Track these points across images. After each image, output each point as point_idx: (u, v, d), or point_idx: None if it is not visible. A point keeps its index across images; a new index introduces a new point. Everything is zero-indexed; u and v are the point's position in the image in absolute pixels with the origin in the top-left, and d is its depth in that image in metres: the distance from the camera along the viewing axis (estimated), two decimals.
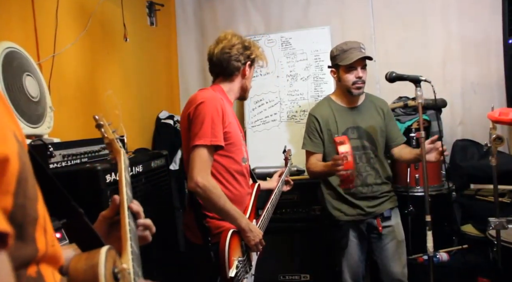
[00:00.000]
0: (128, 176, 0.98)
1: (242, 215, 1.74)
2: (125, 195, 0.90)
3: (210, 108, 1.68)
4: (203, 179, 1.63)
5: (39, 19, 2.00)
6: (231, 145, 1.77)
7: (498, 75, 3.00)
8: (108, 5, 2.66)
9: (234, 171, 1.80)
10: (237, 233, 1.73)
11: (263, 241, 1.82)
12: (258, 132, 3.35)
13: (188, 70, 3.79)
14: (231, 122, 1.78)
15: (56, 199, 0.67)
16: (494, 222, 1.79)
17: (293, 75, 3.34)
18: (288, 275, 2.86)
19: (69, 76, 2.25)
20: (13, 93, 1.49)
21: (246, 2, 3.63)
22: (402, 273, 2.25)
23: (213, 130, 1.66)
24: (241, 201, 1.84)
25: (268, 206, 2.01)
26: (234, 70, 1.88)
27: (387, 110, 2.35)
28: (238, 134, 1.85)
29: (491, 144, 1.79)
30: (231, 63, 1.87)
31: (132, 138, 2.45)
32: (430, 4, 3.26)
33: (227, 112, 1.77)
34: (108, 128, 1.08)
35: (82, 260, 0.65)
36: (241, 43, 1.88)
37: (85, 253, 0.67)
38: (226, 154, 1.76)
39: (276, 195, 2.11)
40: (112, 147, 1.08)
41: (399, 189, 2.66)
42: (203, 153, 1.65)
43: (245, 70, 1.89)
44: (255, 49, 1.91)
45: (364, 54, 2.16)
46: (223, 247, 1.62)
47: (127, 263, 0.75)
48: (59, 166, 1.55)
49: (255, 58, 1.92)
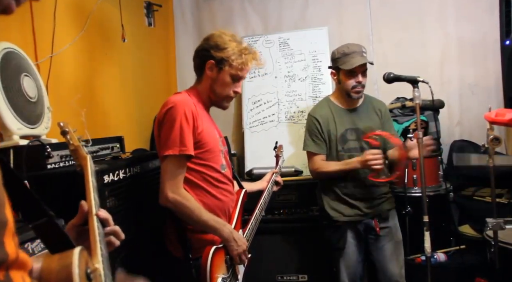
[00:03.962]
0: (95, 181, 0.99)
1: (223, 224, 1.65)
2: (93, 200, 0.91)
3: (179, 114, 1.57)
4: (174, 192, 1.56)
5: (37, 20, 1.99)
6: (207, 152, 1.67)
7: (495, 76, 3.01)
8: (106, 6, 2.66)
9: (212, 179, 1.69)
10: (222, 248, 1.65)
11: (247, 253, 1.72)
12: (256, 133, 3.35)
13: (186, 70, 3.78)
14: (205, 128, 1.67)
15: (26, 202, 0.67)
16: (491, 222, 1.80)
17: (291, 76, 3.34)
18: (286, 276, 2.86)
19: (67, 77, 2.25)
20: (11, 94, 1.49)
21: (244, 3, 3.63)
22: (399, 274, 2.25)
23: (182, 138, 1.56)
24: (224, 210, 1.74)
25: (256, 212, 1.91)
26: (196, 68, 1.77)
27: (384, 112, 2.36)
28: (215, 141, 1.73)
29: (489, 145, 1.79)
30: (195, 59, 1.77)
31: (130, 138, 2.44)
32: (428, 5, 3.27)
33: (200, 117, 1.65)
34: (73, 135, 1.09)
35: (54, 261, 0.65)
36: (215, 38, 1.71)
37: (56, 255, 0.66)
38: (202, 162, 1.66)
39: (265, 197, 2.02)
40: (77, 153, 1.09)
41: (396, 190, 2.67)
42: (172, 164, 1.57)
43: (206, 70, 1.72)
44: (228, 50, 1.68)
45: (365, 60, 2.16)
46: (204, 264, 1.54)
47: (98, 264, 0.76)
48: (57, 166, 1.54)
49: (223, 60, 1.68)
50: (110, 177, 1.59)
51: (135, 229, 1.71)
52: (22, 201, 0.62)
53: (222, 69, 1.70)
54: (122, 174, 1.68)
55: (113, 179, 1.61)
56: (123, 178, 1.69)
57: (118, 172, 1.66)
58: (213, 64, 1.71)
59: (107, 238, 0.91)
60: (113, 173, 1.62)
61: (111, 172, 1.60)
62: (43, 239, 0.73)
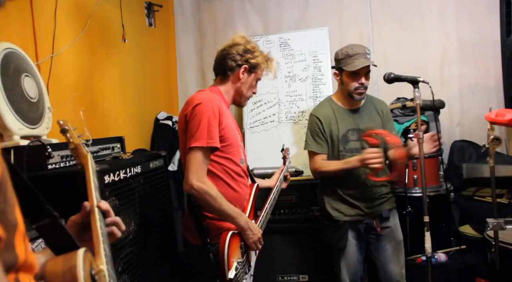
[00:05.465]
0: (96, 180, 0.99)
1: (240, 214, 1.74)
2: (95, 198, 0.91)
3: (206, 110, 1.67)
4: (198, 181, 1.63)
5: (38, 20, 2.00)
6: (229, 146, 1.77)
7: (496, 76, 3.01)
8: (107, 6, 2.66)
9: (232, 172, 1.80)
10: (237, 234, 1.73)
11: (262, 239, 1.82)
12: (256, 133, 3.35)
13: (186, 71, 3.79)
14: (228, 124, 1.77)
15: (31, 202, 0.67)
16: (492, 222, 1.80)
17: (291, 76, 3.34)
18: (287, 276, 2.86)
19: (68, 77, 2.25)
20: (11, 94, 1.49)
21: (244, 3, 3.64)
22: (400, 274, 2.25)
23: (209, 132, 1.65)
24: (240, 201, 1.84)
25: (266, 206, 2.01)
26: (227, 70, 1.86)
27: (386, 112, 2.36)
28: (236, 136, 1.85)
29: (489, 145, 1.79)
30: (226, 62, 1.86)
31: (130, 139, 2.45)
32: (428, 5, 3.27)
33: (224, 113, 1.76)
34: (73, 134, 1.08)
35: (59, 263, 0.64)
36: (244, 45, 1.85)
37: (61, 256, 0.66)
38: (224, 155, 1.76)
39: (274, 193, 2.11)
40: (78, 152, 1.08)
41: (397, 190, 2.67)
42: (199, 154, 1.65)
43: (239, 73, 1.85)
44: (259, 56, 1.86)
45: (369, 62, 2.16)
46: (222, 248, 1.62)
47: (102, 265, 0.76)
48: (57, 166, 1.54)
49: (256, 65, 1.86)
50: (111, 177, 1.60)
51: (136, 228, 1.72)
52: (26, 202, 0.61)
53: (252, 73, 1.87)
54: (122, 174, 1.69)
55: (113, 179, 1.61)
56: (123, 178, 1.69)
57: (119, 172, 1.66)
58: (246, 69, 1.85)
59: (109, 229, 0.91)
60: (113, 173, 1.62)
61: (112, 172, 1.60)
62: (47, 240, 0.73)
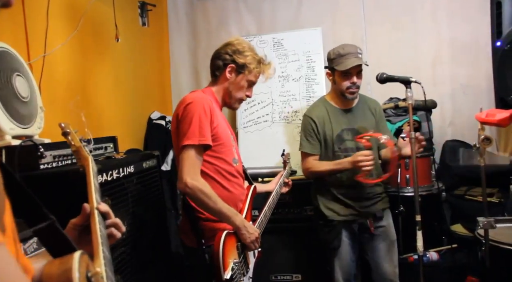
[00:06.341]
0: (96, 182, 0.99)
1: (235, 213, 1.73)
2: (95, 201, 0.91)
3: (198, 108, 1.68)
4: (192, 179, 1.63)
5: (30, 19, 1.98)
6: (221, 146, 1.77)
7: (487, 77, 3.04)
8: (100, 5, 2.65)
9: (225, 171, 1.79)
10: (233, 234, 1.72)
11: (260, 240, 1.80)
12: (250, 133, 3.36)
13: (180, 70, 3.78)
14: (219, 124, 1.77)
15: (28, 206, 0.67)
16: (482, 221, 1.81)
17: (285, 76, 3.35)
18: (280, 275, 2.86)
19: (60, 77, 2.24)
20: (3, 93, 1.48)
21: (238, 3, 3.64)
22: (393, 273, 2.27)
23: (201, 129, 1.66)
24: (234, 201, 1.82)
25: (265, 209, 1.99)
26: (215, 70, 1.87)
27: (379, 111, 2.38)
28: (228, 136, 1.84)
29: (480, 145, 1.81)
30: (215, 61, 1.87)
31: (123, 139, 2.44)
32: (421, 7, 3.30)
33: (216, 113, 1.76)
34: (74, 136, 1.08)
35: (55, 266, 0.64)
36: (235, 45, 1.85)
37: (57, 259, 0.66)
38: (216, 154, 1.76)
39: (273, 197, 2.10)
40: (79, 154, 1.08)
41: (390, 189, 2.68)
42: (192, 153, 1.65)
43: (226, 72, 1.84)
44: (248, 57, 1.83)
45: (360, 61, 2.17)
46: (217, 248, 1.60)
47: (100, 268, 0.76)
48: (49, 166, 1.53)
49: (243, 65, 1.83)
50: (103, 177, 1.59)
51: (129, 228, 1.71)
52: (23, 205, 0.61)
53: (241, 74, 1.84)
54: (115, 174, 1.68)
55: (106, 179, 1.61)
56: (116, 178, 1.69)
57: (112, 172, 1.66)
58: (233, 68, 1.84)
59: (108, 230, 0.91)
60: (106, 173, 1.61)
61: (104, 172, 1.60)
62: (44, 243, 0.72)
